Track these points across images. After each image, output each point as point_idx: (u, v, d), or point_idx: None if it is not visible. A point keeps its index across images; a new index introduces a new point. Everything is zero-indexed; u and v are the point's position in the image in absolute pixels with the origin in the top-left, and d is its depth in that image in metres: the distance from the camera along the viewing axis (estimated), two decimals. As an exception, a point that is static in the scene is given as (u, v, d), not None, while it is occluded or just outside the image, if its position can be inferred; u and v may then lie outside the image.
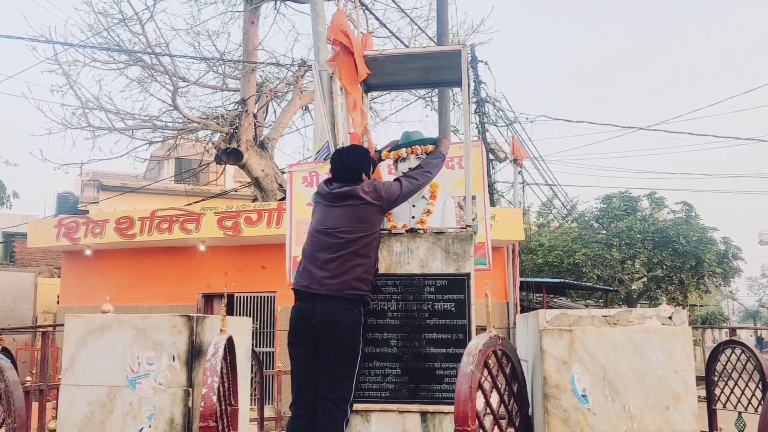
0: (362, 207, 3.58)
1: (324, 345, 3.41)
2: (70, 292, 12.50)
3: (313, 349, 3.45)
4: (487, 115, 15.07)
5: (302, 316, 3.46)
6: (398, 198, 3.72)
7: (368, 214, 3.59)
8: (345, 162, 3.79)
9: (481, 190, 7.50)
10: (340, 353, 3.39)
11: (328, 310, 3.39)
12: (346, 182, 3.71)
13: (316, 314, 3.40)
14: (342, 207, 3.61)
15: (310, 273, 3.50)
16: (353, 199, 3.60)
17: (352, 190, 3.62)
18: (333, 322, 3.38)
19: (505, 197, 17.51)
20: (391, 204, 3.74)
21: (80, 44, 13.09)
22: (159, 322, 2.94)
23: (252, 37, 13.88)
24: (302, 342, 3.49)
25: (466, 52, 4.15)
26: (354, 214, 3.57)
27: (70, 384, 2.99)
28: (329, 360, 3.40)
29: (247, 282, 11.55)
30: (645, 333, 2.79)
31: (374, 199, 3.60)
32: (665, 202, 20.62)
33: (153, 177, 22.46)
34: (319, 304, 3.41)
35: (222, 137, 13.40)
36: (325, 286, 3.43)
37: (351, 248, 3.49)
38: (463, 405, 2.23)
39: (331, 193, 3.68)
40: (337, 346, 3.40)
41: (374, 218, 3.64)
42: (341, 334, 3.39)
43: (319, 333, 3.41)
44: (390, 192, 3.67)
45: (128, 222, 11.58)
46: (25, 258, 19.91)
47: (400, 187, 3.73)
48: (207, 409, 2.44)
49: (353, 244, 3.49)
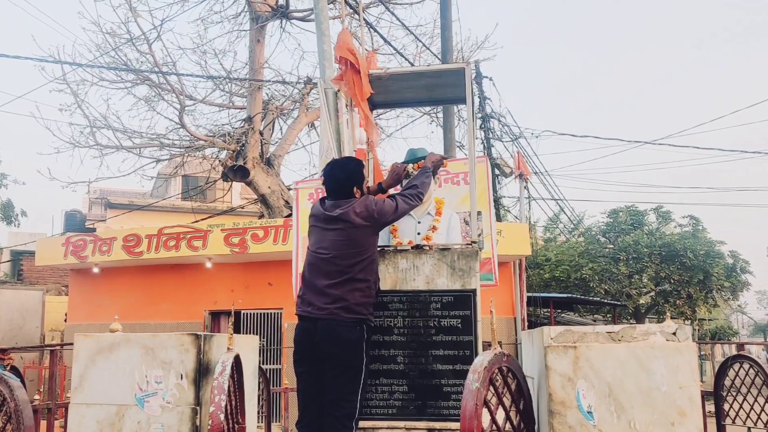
0: (353, 230, 3.54)
1: (327, 363, 3.42)
2: (77, 310, 12.53)
3: (317, 367, 3.46)
4: (492, 131, 15.11)
5: (305, 335, 3.48)
6: (390, 217, 3.66)
7: (361, 237, 3.55)
8: (336, 175, 3.74)
9: (487, 206, 7.52)
10: (344, 370, 3.40)
11: (330, 328, 3.40)
12: (337, 197, 3.68)
13: (318, 332, 3.42)
14: (335, 230, 3.58)
15: (310, 300, 3.51)
16: (344, 223, 3.56)
17: (343, 214, 3.57)
18: (334, 339, 3.38)
19: (512, 212, 17.52)
20: (384, 223, 3.69)
21: (88, 64, 13.25)
22: (167, 341, 2.96)
23: (258, 55, 14.01)
24: (306, 360, 3.50)
25: (470, 70, 4.19)
26: (347, 239, 3.53)
27: (79, 403, 3.01)
28: (333, 377, 3.40)
29: (253, 299, 11.56)
30: (649, 349, 2.79)
31: (365, 220, 3.54)
32: (672, 216, 20.56)
33: (160, 194, 22.58)
34: (321, 323, 3.42)
35: (229, 155, 13.48)
36: (325, 311, 3.43)
37: (348, 274, 3.47)
38: (469, 422, 2.24)
39: (324, 215, 3.65)
40: (340, 364, 3.40)
41: (367, 240, 3.59)
42: (343, 351, 3.39)
43: (321, 351, 3.42)
44: (382, 211, 3.60)
45: (135, 240, 11.63)
46: (33, 276, 19.99)
47: (395, 207, 3.66)
48: (215, 427, 2.46)
49: (350, 270, 3.47)
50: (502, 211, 16.28)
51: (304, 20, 14.72)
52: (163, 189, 23.18)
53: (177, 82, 13.62)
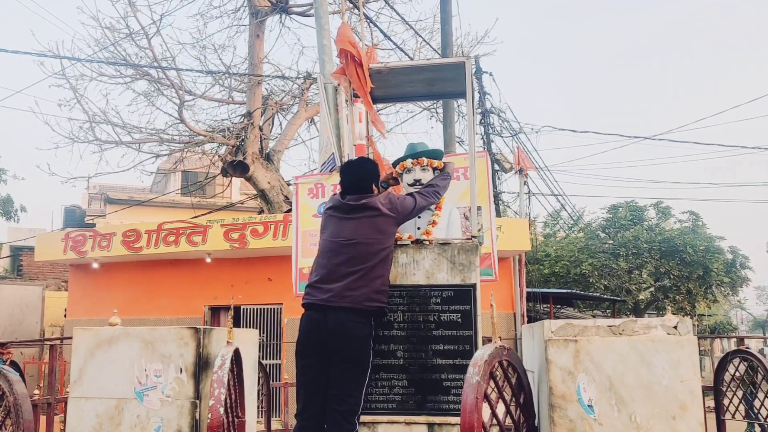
0: (379, 219, 3.60)
1: (334, 357, 3.39)
2: (77, 306, 12.53)
3: (323, 360, 3.42)
4: (492, 126, 15.09)
5: (313, 327, 3.43)
6: (411, 212, 3.80)
7: (385, 226, 3.61)
8: (355, 174, 3.80)
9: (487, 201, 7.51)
10: (350, 366, 3.37)
11: (340, 322, 3.36)
12: (358, 194, 3.71)
13: (328, 324, 3.37)
14: (359, 219, 3.60)
15: (329, 286, 3.45)
16: (371, 211, 3.61)
17: (370, 202, 3.63)
18: (344, 333, 3.36)
19: (511, 208, 17.51)
20: (405, 217, 3.79)
21: (87, 59, 13.23)
22: (166, 335, 2.96)
23: (257, 50, 13.98)
24: (311, 353, 3.45)
25: (471, 64, 4.18)
26: (372, 226, 3.57)
27: (78, 396, 3.00)
28: (339, 372, 3.37)
29: (253, 294, 11.57)
30: (650, 343, 2.78)
31: (390, 211, 3.63)
32: (672, 212, 20.57)
33: (159, 190, 22.56)
34: (331, 315, 3.38)
35: (228, 150, 13.47)
36: (346, 299, 3.39)
37: (372, 261, 3.48)
38: (470, 415, 2.23)
39: (348, 205, 3.66)
40: (347, 359, 3.37)
41: (390, 230, 3.66)
42: (352, 346, 3.37)
43: (330, 344, 3.38)
44: (404, 206, 3.73)
45: (135, 235, 11.63)
46: (32, 271, 19.98)
47: (414, 202, 3.80)
48: (214, 420, 2.45)
49: (374, 257, 3.50)
50: (502, 207, 16.26)
51: (303, 15, 14.69)
52: (163, 184, 23.17)
53: (176, 77, 13.61)
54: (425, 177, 4.41)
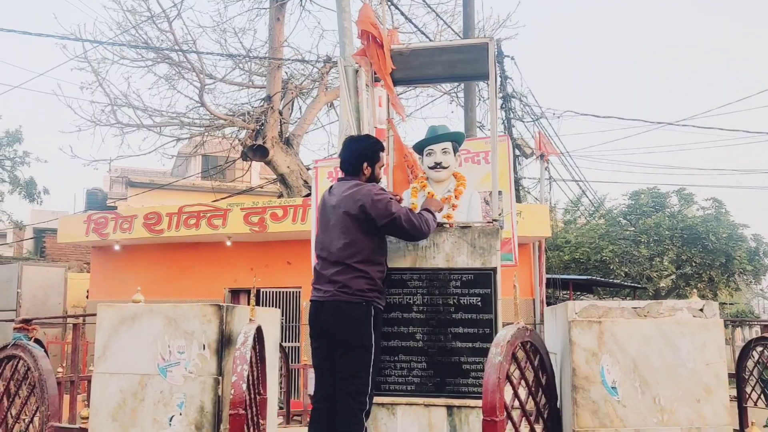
0: (349, 219, 3.49)
1: (335, 341, 3.45)
2: (99, 287, 12.69)
3: (328, 344, 3.49)
4: (513, 111, 14.97)
5: (314, 314, 3.53)
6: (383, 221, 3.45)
7: (356, 226, 3.48)
8: (350, 147, 3.74)
9: (508, 186, 7.47)
10: (350, 348, 3.40)
11: (335, 305, 3.42)
12: (347, 170, 3.68)
13: (324, 310, 3.45)
14: (336, 217, 3.56)
15: (318, 286, 3.54)
16: (342, 211, 3.52)
17: (342, 200, 3.54)
18: (339, 316, 3.40)
19: (532, 193, 17.40)
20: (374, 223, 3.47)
21: (109, 42, 13.29)
22: (189, 312, 2.98)
23: (278, 33, 13.95)
24: (317, 337, 3.54)
25: (494, 45, 4.13)
26: (343, 228, 3.50)
27: (102, 372, 3.04)
28: (341, 355, 3.42)
29: (272, 277, 11.63)
30: (676, 325, 2.75)
31: (360, 211, 3.46)
32: (694, 199, 20.33)
33: (180, 174, 22.71)
34: (327, 304, 3.45)
35: (248, 134, 13.50)
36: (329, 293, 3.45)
37: (346, 264, 3.44)
38: (491, 395, 2.22)
39: (328, 202, 3.65)
40: (345, 341, 3.41)
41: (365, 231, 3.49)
42: (348, 328, 3.39)
43: (328, 328, 3.45)
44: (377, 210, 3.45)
45: (156, 218, 11.73)
46: (55, 253, 20.27)
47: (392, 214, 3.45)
48: (237, 396, 2.47)
49: (350, 259, 3.44)
50: (522, 193, 16.16)
51: (324, -2, 14.62)
52: (183, 168, 23.32)
53: (197, 61, 13.63)
54: (446, 160, 4.38)
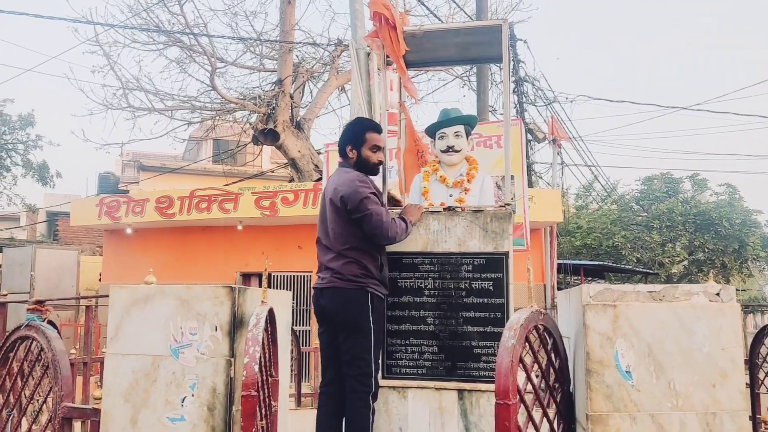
0: (333, 208, 3.51)
1: (335, 325, 3.48)
2: (111, 270, 12.78)
3: (331, 329, 3.52)
4: (525, 95, 14.84)
5: (315, 300, 3.58)
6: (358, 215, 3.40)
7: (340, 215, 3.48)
8: (343, 131, 3.79)
9: (520, 170, 7.43)
10: (350, 332, 3.41)
11: (332, 291, 3.45)
12: (340, 155, 3.71)
13: (323, 296, 3.49)
14: (325, 204, 3.61)
15: (319, 274, 3.59)
16: (329, 198, 3.55)
17: (328, 188, 3.59)
18: (335, 301, 3.43)
19: (544, 179, 17.29)
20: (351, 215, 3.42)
21: (120, 25, 13.27)
22: (202, 293, 2.98)
23: (289, 17, 13.88)
24: (322, 322, 3.58)
25: (507, 27, 4.07)
26: (330, 216, 3.53)
27: (114, 353, 3.05)
28: (343, 339, 3.44)
29: (283, 261, 11.67)
30: (691, 309, 2.72)
31: (340, 203, 3.44)
32: (708, 184, 20.18)
33: (191, 158, 22.76)
34: (326, 291, 3.49)
35: (259, 118, 13.49)
36: (325, 280, 3.50)
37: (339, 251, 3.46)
38: (504, 378, 2.20)
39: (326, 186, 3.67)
40: (344, 325, 3.43)
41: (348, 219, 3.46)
42: (343, 312, 3.42)
43: (328, 313, 3.49)
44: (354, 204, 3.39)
45: (168, 201, 11.76)
46: (68, 236, 20.43)
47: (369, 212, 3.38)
48: (249, 378, 2.47)
49: (340, 246, 3.47)
50: (534, 178, 16.06)
51: (335, -20, 14.53)
52: (195, 152, 23.37)
53: (208, 44, 13.60)
54: (458, 144, 4.35)
